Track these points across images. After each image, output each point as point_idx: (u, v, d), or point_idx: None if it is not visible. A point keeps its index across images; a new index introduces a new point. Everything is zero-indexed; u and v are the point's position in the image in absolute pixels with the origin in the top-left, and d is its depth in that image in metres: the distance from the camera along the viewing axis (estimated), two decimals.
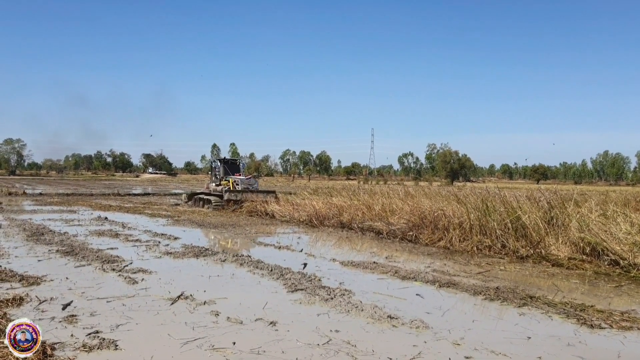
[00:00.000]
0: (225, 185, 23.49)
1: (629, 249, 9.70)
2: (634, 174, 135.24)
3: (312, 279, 8.14)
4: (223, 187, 23.42)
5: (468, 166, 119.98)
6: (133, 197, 32.94)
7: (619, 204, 14.42)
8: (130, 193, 37.97)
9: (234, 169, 25.06)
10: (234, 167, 25.46)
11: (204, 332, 5.44)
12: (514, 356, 4.94)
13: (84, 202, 26.13)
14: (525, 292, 7.65)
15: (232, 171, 24.62)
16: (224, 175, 24.23)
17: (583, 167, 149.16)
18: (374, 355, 4.87)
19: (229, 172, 24.39)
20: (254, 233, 14.72)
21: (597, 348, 5.32)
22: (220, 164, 25.03)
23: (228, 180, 23.53)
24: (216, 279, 8.23)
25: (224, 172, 24.44)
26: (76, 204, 25.20)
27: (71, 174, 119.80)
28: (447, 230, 12.86)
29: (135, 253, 10.44)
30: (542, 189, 17.30)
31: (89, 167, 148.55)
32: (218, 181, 24.48)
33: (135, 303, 6.56)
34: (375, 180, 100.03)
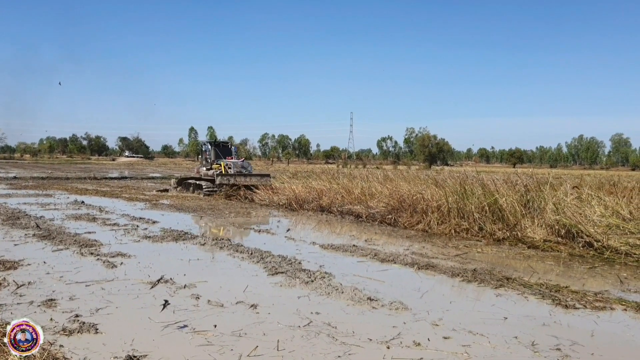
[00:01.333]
0: (216, 169, 22.16)
1: (603, 231, 9.91)
2: (608, 158, 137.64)
3: (292, 262, 8.18)
4: (215, 172, 22.06)
5: (446, 150, 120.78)
6: (110, 181, 32.58)
7: (593, 187, 14.70)
8: (106, 177, 37.53)
9: (225, 152, 23.41)
10: (226, 150, 23.76)
11: (184, 315, 5.44)
12: (491, 336, 5.05)
13: (59, 186, 25.76)
14: (501, 273, 7.79)
15: (223, 154, 23.08)
16: (215, 159, 22.82)
17: (559, 151, 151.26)
18: (354, 336, 4.93)
19: (220, 156, 22.87)
20: (233, 217, 14.69)
21: (571, 327, 5.45)
22: (211, 147, 23.46)
23: (219, 163, 22.18)
24: (196, 262, 8.21)
25: (215, 156, 22.96)
26: (52, 187, 24.82)
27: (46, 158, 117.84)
28: (425, 214, 12.99)
29: (113, 237, 10.36)
30: (518, 172, 17.52)
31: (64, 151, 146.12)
32: (209, 165, 23.06)
33: (115, 287, 6.52)
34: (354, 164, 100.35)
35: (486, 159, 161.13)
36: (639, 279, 7.83)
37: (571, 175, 25.76)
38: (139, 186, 27.50)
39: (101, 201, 18.38)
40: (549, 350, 4.73)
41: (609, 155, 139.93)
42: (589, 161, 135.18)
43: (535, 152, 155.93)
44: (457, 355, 4.55)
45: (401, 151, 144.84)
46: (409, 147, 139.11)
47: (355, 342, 4.77)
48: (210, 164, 22.92)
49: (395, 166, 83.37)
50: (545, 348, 4.77)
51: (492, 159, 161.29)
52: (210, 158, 23.11)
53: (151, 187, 26.77)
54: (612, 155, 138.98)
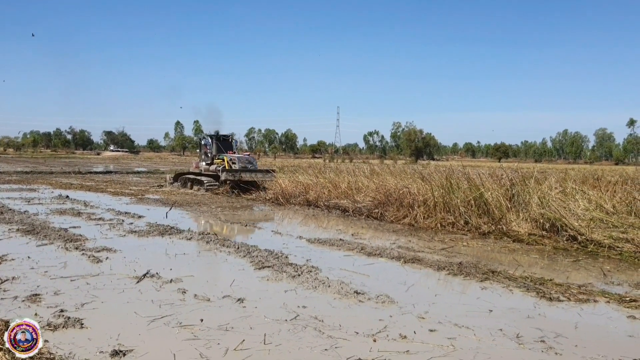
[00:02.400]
0: (219, 164, 20.88)
1: (587, 224, 10.02)
2: (592, 152, 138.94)
3: (279, 256, 8.17)
4: (217, 167, 20.83)
5: (432, 145, 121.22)
6: (94, 175, 32.29)
7: (577, 181, 14.85)
8: (91, 171, 37.18)
9: (226, 147, 22.14)
10: (226, 144, 22.41)
11: (171, 309, 5.42)
12: (476, 328, 5.09)
13: (44, 181, 25.49)
14: (487, 267, 7.86)
15: (224, 149, 21.87)
16: (216, 153, 21.66)
17: (543, 145, 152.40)
18: (341, 329, 4.95)
19: (222, 150, 21.69)
20: (220, 211, 14.65)
21: (555, 320, 5.51)
22: (212, 141, 22.15)
23: (222, 158, 20.89)
24: (182, 257, 8.18)
25: (216, 150, 21.81)
26: (36, 182, 24.56)
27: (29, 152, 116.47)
28: (412, 208, 13.04)
29: (98, 232, 10.28)
30: (504, 167, 17.63)
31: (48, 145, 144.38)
32: (209, 160, 21.83)
33: (100, 282, 6.48)
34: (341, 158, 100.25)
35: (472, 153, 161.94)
36: (622, 272, 7.93)
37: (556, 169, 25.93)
38: (125, 180, 27.29)
39: (86, 196, 18.23)
40: (533, 342, 4.78)
41: (593, 150, 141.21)
42: (573, 155, 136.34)
43: (520, 147, 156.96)
44: (443, 347, 4.58)
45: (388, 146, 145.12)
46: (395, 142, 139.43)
47: (342, 336, 4.78)
48: (211, 159, 21.79)
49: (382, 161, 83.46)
50: (530, 340, 4.82)
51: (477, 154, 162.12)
52: (212, 152, 21.96)
53: (137, 182, 26.56)
54: (596, 150, 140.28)
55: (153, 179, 29.60)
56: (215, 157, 21.58)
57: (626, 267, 8.26)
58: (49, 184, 23.21)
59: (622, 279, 7.45)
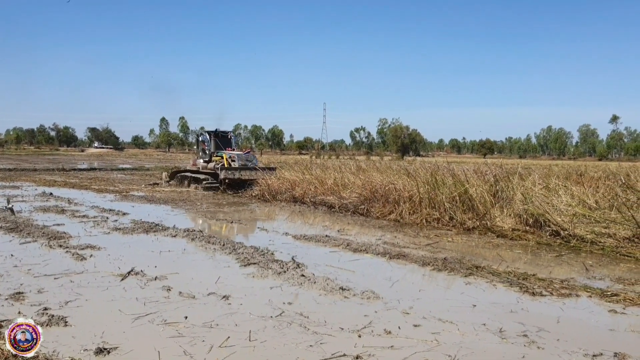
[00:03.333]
0: (217, 162, 20.08)
1: (569, 220, 10.13)
2: (575, 148, 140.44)
3: (264, 253, 8.17)
4: (215, 164, 19.99)
5: (418, 141, 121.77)
6: (79, 172, 32.00)
7: (561, 177, 15.01)
8: (75, 168, 36.86)
9: (225, 143, 21.41)
10: (225, 140, 21.62)
11: (155, 307, 5.41)
12: (460, 323, 5.14)
13: (27, 178, 25.22)
14: (471, 262, 7.92)
15: (223, 145, 21.19)
16: (215, 150, 20.92)
17: (528, 141, 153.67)
18: (326, 325, 4.97)
19: (221, 147, 20.99)
20: (205, 208, 14.60)
21: (538, 314, 5.58)
22: (210, 137, 21.34)
23: (221, 155, 20.21)
24: (167, 254, 8.15)
25: (215, 147, 21.01)
26: (19, 179, 24.30)
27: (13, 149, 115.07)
28: (397, 204, 13.09)
29: (82, 229, 10.21)
30: (488, 163, 17.81)
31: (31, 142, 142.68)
32: (207, 157, 21.06)
33: (84, 279, 6.44)
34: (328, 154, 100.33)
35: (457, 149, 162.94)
36: (604, 267, 8.03)
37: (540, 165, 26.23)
38: (109, 178, 27.09)
39: (70, 193, 18.07)
40: (516, 336, 4.84)
41: (576, 146, 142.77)
42: (557, 151, 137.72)
43: (505, 143, 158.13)
44: (427, 342, 4.62)
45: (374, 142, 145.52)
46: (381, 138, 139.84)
47: (327, 332, 4.80)
48: (209, 156, 21.04)
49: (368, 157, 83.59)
50: (513, 334, 4.87)
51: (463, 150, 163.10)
52: (210, 149, 21.19)
53: (122, 179, 26.36)
54: (579, 146, 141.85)
55: (138, 175, 29.43)
56: (213, 155, 20.90)
57: (608, 262, 8.37)
58: (32, 181, 22.97)
59: (604, 273, 7.55)
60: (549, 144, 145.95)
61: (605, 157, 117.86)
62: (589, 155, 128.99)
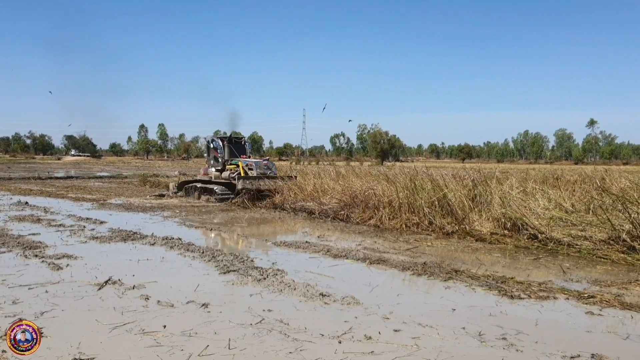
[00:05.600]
0: (232, 171, 18.62)
1: (547, 223, 10.26)
2: (552, 152, 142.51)
3: (244, 260, 8.13)
4: (231, 173, 18.51)
5: (398, 146, 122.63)
6: (55, 181, 31.50)
7: (538, 181, 15.21)
8: (52, 176, 36.25)
9: (239, 150, 19.86)
10: (239, 147, 20.03)
11: (133, 316, 5.34)
12: (440, 327, 5.16)
13: (2, 187, 24.74)
14: (450, 266, 7.97)
15: (237, 152, 19.71)
16: (229, 158, 19.34)
17: (505, 146, 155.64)
18: (307, 332, 4.95)
19: (235, 154, 19.44)
20: (184, 215, 14.48)
21: (516, 317, 5.62)
22: (223, 144, 19.72)
23: (236, 164, 18.58)
24: (145, 262, 8.06)
25: (229, 154, 19.45)
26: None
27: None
28: (377, 209, 13.13)
29: (59, 238, 10.05)
30: (467, 167, 17.96)
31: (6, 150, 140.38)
32: (220, 165, 19.45)
33: (60, 289, 6.34)
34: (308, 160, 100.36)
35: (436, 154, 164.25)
36: (581, 269, 8.14)
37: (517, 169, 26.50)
38: (86, 186, 26.72)
39: (46, 201, 17.78)
40: (495, 339, 4.87)
41: (553, 150, 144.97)
42: (534, 155, 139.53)
43: (483, 147, 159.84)
44: (407, 347, 4.63)
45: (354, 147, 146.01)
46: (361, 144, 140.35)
47: (307, 338, 4.78)
48: (223, 164, 19.41)
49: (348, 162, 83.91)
50: (492, 338, 4.91)
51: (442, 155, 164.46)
52: (223, 157, 19.56)
53: (99, 187, 26.01)
54: (556, 150, 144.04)
55: (116, 183, 29.09)
56: (227, 163, 19.30)
57: (585, 264, 8.47)
58: (7, 190, 22.55)
59: (580, 275, 7.64)
60: (526, 148, 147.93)
61: (581, 160, 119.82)
62: (565, 159, 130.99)
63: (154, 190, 23.57)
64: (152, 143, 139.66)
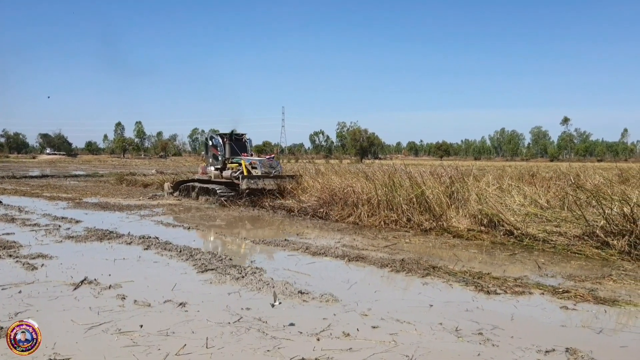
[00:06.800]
0: (234, 170, 17.72)
1: (522, 219, 10.40)
2: (528, 149, 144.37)
3: (222, 258, 8.09)
4: (232, 172, 17.58)
5: (377, 144, 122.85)
6: (30, 180, 30.99)
7: (514, 178, 15.41)
8: (26, 175, 35.69)
9: (240, 148, 18.91)
10: (240, 144, 19.05)
11: (109, 316, 5.28)
12: (417, 323, 5.19)
13: None
14: (428, 262, 8.03)
15: (238, 150, 18.80)
16: (230, 156, 18.45)
17: (482, 143, 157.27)
18: (285, 330, 4.94)
19: (237, 152, 18.56)
20: (162, 214, 14.36)
21: (492, 312, 5.70)
22: (224, 141, 18.79)
23: (238, 162, 17.72)
24: (122, 262, 7.97)
25: (230, 152, 18.56)
26: None
27: None
28: (356, 207, 13.18)
29: (33, 238, 9.89)
30: (444, 165, 18.10)
31: None
32: (220, 164, 18.47)
33: (35, 289, 6.24)
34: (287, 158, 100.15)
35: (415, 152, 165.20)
36: (556, 264, 8.26)
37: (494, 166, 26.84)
38: (62, 185, 26.33)
39: (20, 201, 17.49)
40: (471, 335, 4.92)
41: (528, 147, 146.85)
42: (510, 153, 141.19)
43: (461, 145, 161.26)
44: (385, 343, 4.65)
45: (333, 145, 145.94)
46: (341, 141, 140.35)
47: (286, 336, 4.78)
48: (223, 163, 18.45)
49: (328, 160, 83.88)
50: (468, 333, 4.96)
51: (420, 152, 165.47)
52: (224, 155, 18.57)
53: (75, 186, 25.64)
54: (532, 147, 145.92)
55: (92, 182, 28.72)
56: (228, 161, 18.37)
57: (559, 260, 8.61)
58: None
59: (555, 271, 7.76)
60: (503, 145, 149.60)
61: (556, 157, 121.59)
62: (541, 156, 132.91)
63: (131, 189, 23.36)
64: (128, 141, 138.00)
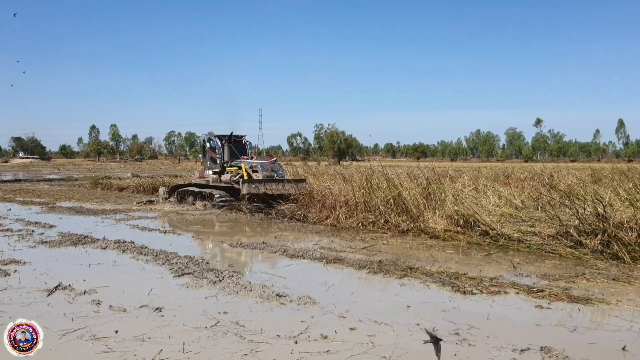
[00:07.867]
0: (234, 173, 16.87)
1: (497, 219, 10.53)
2: (503, 150, 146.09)
3: (199, 262, 8.03)
4: (232, 176, 16.73)
5: (354, 146, 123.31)
6: (2, 184, 30.36)
7: (489, 179, 15.58)
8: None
9: (239, 151, 17.89)
10: (239, 147, 18.05)
11: (84, 322, 5.20)
12: (395, 325, 5.22)
13: None
14: (405, 263, 8.07)
15: (238, 153, 17.77)
16: (229, 159, 17.56)
17: (458, 145, 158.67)
18: (263, 333, 4.93)
19: (236, 155, 17.60)
20: (137, 217, 14.21)
21: (469, 312, 5.75)
22: (222, 143, 17.77)
23: (238, 165, 16.88)
24: (97, 267, 7.86)
25: (229, 155, 17.63)
26: None
27: None
28: (334, 208, 13.20)
29: (6, 243, 9.70)
30: (421, 166, 18.23)
31: None
32: (219, 167, 17.55)
33: (7, 296, 6.12)
34: None
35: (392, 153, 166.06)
36: (530, 264, 8.38)
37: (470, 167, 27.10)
38: (35, 189, 25.87)
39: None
40: (448, 334, 4.95)
41: (504, 148, 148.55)
42: (486, 154, 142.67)
43: (437, 147, 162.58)
44: (363, 345, 4.66)
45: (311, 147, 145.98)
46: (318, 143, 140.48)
47: (263, 339, 4.77)
48: (221, 166, 17.55)
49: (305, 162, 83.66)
50: (445, 333, 4.99)
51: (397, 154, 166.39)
52: (222, 158, 17.65)
53: (49, 190, 25.22)
54: (507, 148, 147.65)
55: (66, 186, 28.29)
56: (227, 164, 17.53)
57: (534, 259, 8.73)
58: None
59: (530, 270, 7.86)
60: (478, 146, 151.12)
61: (530, 158, 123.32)
62: (516, 157, 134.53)
63: (106, 193, 23.07)
64: (103, 144, 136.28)
